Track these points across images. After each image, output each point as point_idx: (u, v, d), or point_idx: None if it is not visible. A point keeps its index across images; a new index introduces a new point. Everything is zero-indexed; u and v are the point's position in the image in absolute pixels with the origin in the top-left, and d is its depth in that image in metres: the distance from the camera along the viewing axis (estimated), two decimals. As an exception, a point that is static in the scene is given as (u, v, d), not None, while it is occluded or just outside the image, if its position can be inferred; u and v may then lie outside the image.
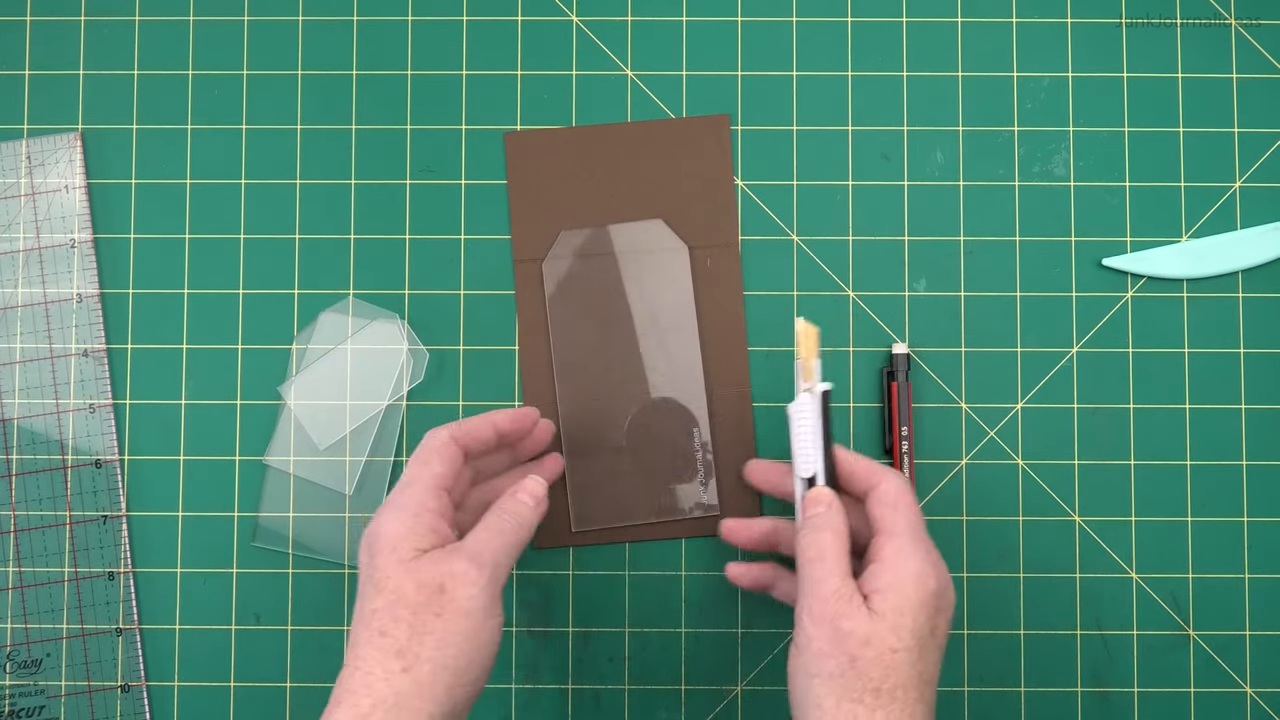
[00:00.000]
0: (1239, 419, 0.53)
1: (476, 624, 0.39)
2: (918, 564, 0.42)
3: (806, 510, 0.44)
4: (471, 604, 0.39)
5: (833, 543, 0.42)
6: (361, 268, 0.53)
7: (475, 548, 0.41)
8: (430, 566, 0.39)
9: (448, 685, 0.38)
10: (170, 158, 0.54)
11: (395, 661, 0.38)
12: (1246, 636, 0.52)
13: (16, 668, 0.52)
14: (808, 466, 0.45)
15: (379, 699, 0.38)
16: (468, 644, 0.39)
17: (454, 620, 0.39)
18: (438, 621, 0.39)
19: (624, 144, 0.54)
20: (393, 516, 0.41)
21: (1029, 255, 0.53)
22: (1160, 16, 0.54)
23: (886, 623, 0.40)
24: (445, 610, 0.39)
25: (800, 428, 0.45)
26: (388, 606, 0.39)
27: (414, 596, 0.39)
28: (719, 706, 0.52)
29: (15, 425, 0.53)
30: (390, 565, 0.40)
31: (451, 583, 0.39)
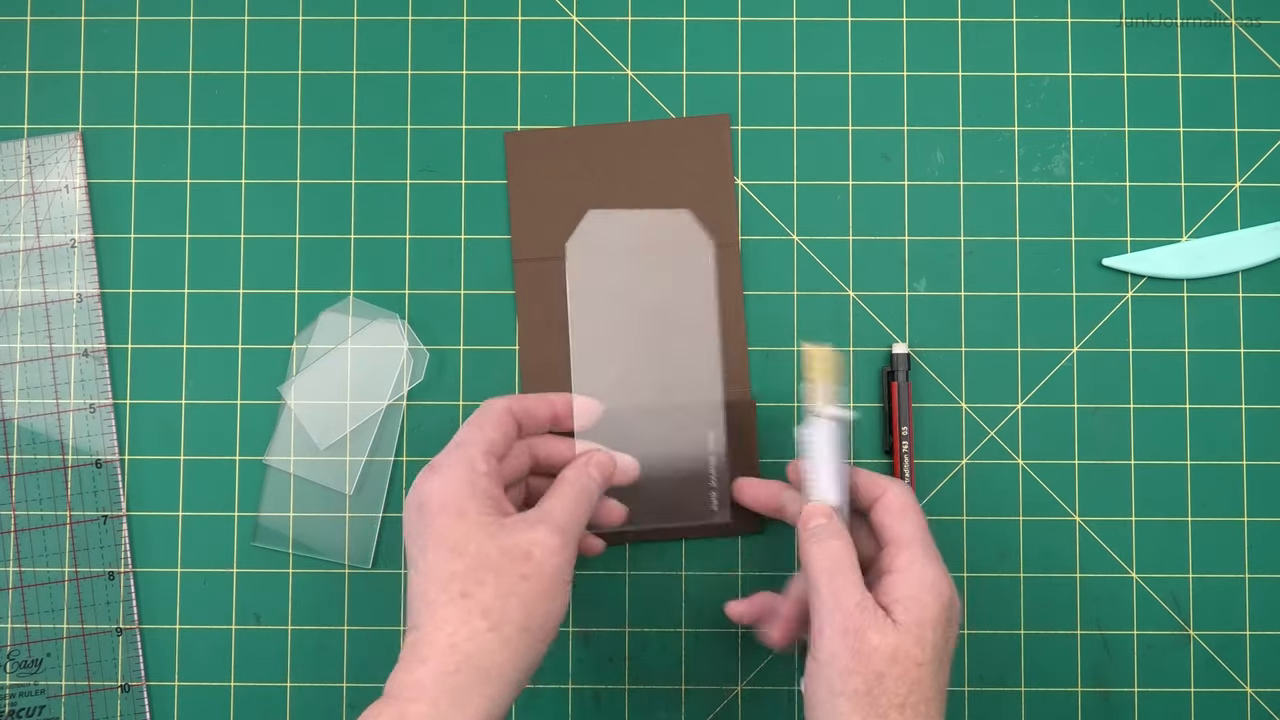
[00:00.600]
0: (1239, 419, 0.53)
1: (557, 587, 0.40)
2: (933, 574, 0.41)
3: (806, 523, 0.44)
4: (556, 571, 0.40)
5: (845, 552, 0.42)
6: (361, 268, 0.53)
7: (558, 518, 0.42)
8: (516, 533, 0.40)
9: (529, 644, 0.40)
10: (170, 158, 0.54)
11: (481, 620, 0.39)
12: (1246, 636, 0.52)
13: (16, 668, 0.52)
14: (826, 494, 0.44)
15: (465, 656, 0.38)
16: (547, 605, 0.40)
17: (539, 583, 0.40)
18: (524, 584, 0.39)
19: (624, 144, 0.54)
20: (448, 478, 0.42)
21: (1029, 255, 0.53)
22: (1160, 16, 0.54)
23: (911, 636, 0.40)
24: (531, 575, 0.40)
25: (813, 455, 0.44)
26: (470, 570, 0.39)
27: (499, 560, 0.39)
28: (719, 706, 0.52)
29: (15, 425, 0.53)
30: (468, 529, 0.40)
31: (539, 550, 0.40)
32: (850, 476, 0.45)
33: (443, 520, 0.40)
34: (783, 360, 0.53)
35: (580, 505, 0.43)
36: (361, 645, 0.52)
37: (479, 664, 0.38)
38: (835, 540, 0.42)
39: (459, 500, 0.41)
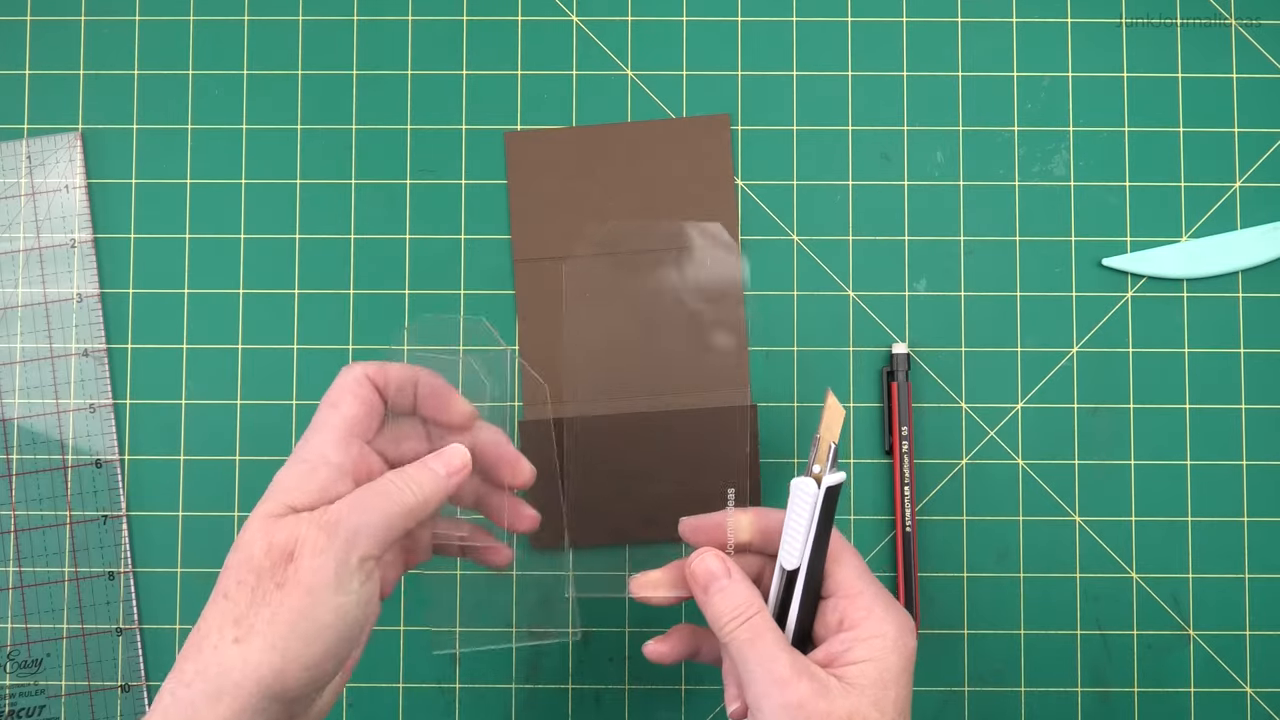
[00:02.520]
0: (1239, 419, 0.53)
1: (318, 601, 0.34)
2: (894, 627, 0.37)
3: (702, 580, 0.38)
4: (314, 578, 0.34)
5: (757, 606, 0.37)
6: (361, 268, 0.53)
7: (336, 512, 0.35)
8: (286, 528, 0.34)
9: (276, 668, 0.33)
10: (170, 158, 0.54)
11: (230, 629, 0.34)
12: (1246, 636, 0.52)
13: (16, 668, 0.52)
14: (792, 558, 0.39)
15: (203, 667, 0.33)
16: (303, 623, 0.33)
17: (293, 594, 0.33)
18: (277, 593, 0.34)
19: (624, 144, 0.54)
20: (288, 468, 0.36)
21: (1029, 255, 0.53)
22: (1160, 16, 0.54)
23: (867, 698, 0.35)
24: (287, 581, 0.34)
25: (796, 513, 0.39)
26: (235, 566, 0.34)
27: (261, 560, 0.34)
28: (719, 706, 0.52)
29: (15, 425, 0.53)
30: (254, 521, 0.35)
31: (300, 550, 0.34)
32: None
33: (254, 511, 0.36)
34: (783, 360, 0.53)
35: (385, 501, 0.36)
36: (361, 645, 0.52)
37: (212, 677, 0.33)
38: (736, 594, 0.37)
39: (279, 488, 0.36)
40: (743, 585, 0.38)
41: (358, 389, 0.38)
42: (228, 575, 0.34)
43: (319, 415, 0.38)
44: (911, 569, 0.51)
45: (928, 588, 0.52)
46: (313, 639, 0.34)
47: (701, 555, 0.39)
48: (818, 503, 0.38)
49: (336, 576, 0.34)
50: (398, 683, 0.52)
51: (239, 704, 0.33)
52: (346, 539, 0.34)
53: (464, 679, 0.52)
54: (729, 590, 0.38)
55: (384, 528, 0.35)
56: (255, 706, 0.33)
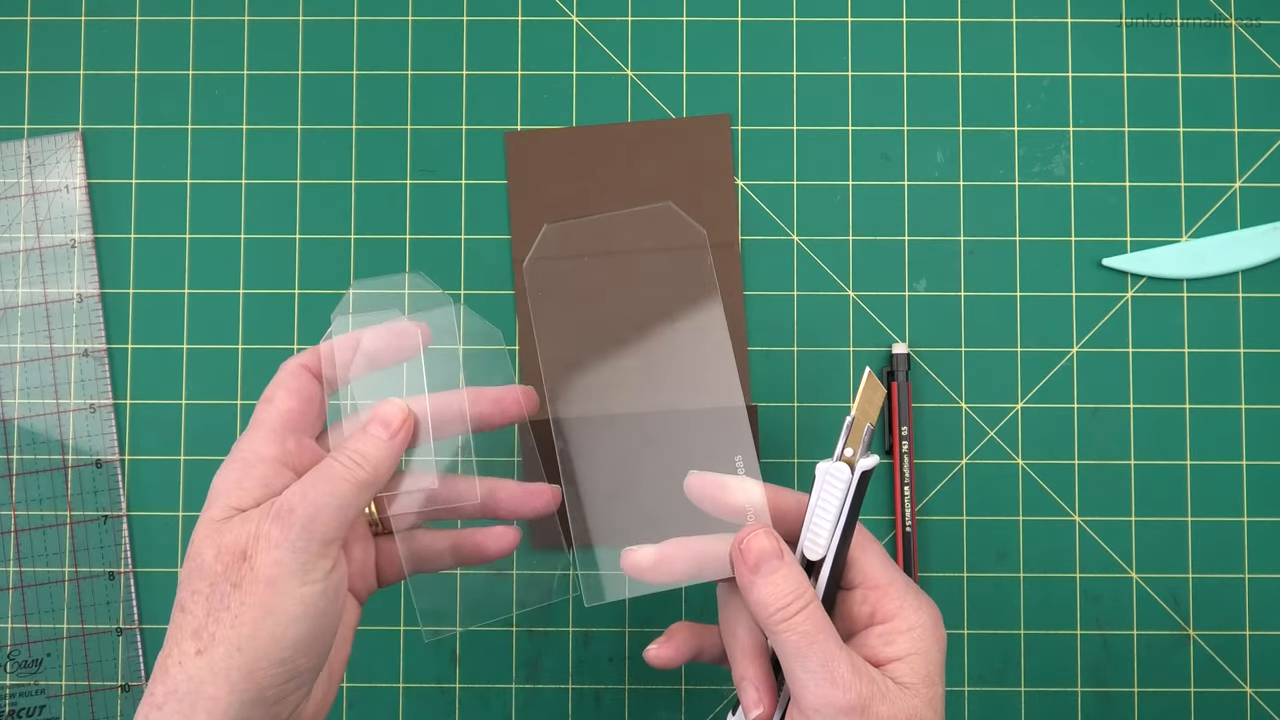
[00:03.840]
0: (1239, 419, 0.53)
1: (280, 594, 0.32)
2: (929, 617, 0.35)
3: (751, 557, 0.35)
4: (275, 570, 0.32)
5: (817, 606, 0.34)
6: (361, 268, 0.53)
7: (286, 501, 0.33)
8: (234, 529, 0.33)
9: (246, 669, 0.32)
10: (170, 158, 0.54)
11: (191, 643, 0.32)
12: (1246, 636, 0.52)
13: (17, 668, 0.52)
14: (818, 547, 0.36)
15: (172, 686, 0.32)
16: (269, 619, 0.32)
17: (252, 591, 0.32)
18: (234, 594, 0.32)
19: (624, 144, 0.54)
20: (225, 469, 0.35)
21: (1029, 255, 0.53)
22: (1160, 16, 0.54)
23: (922, 698, 0.33)
24: (243, 580, 0.32)
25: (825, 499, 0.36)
26: (186, 577, 0.33)
27: (212, 565, 0.33)
28: (719, 706, 0.52)
29: (15, 425, 0.53)
30: (201, 529, 0.34)
31: (254, 546, 0.33)
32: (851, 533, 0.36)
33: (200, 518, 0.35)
34: (783, 360, 0.53)
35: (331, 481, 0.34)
36: (362, 645, 0.52)
37: (184, 695, 0.32)
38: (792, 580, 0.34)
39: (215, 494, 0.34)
40: (797, 569, 0.34)
41: (292, 382, 0.37)
42: (182, 589, 0.33)
43: (255, 413, 0.36)
44: (911, 569, 0.51)
45: (928, 588, 0.52)
46: (280, 634, 0.32)
47: (755, 533, 0.35)
48: (850, 488, 0.35)
49: (298, 565, 0.33)
50: (398, 683, 0.52)
51: (217, 715, 0.32)
52: (303, 525, 0.33)
53: (464, 679, 0.52)
54: (783, 574, 0.34)
55: (339, 508, 0.34)
56: (235, 715, 0.32)
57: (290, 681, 0.33)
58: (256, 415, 0.36)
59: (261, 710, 0.32)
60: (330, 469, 0.34)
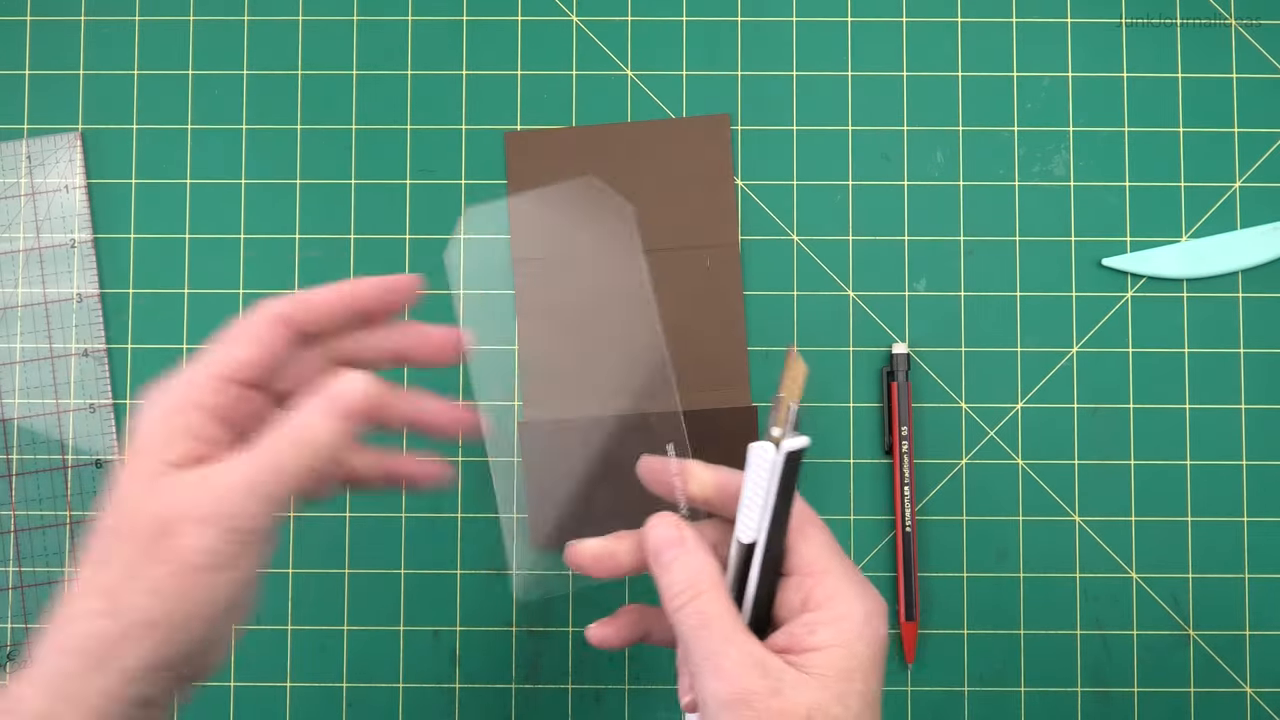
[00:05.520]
0: (1239, 419, 0.53)
1: (200, 581, 0.31)
2: (863, 608, 0.32)
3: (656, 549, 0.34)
4: (199, 557, 0.30)
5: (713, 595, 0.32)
6: (362, 268, 0.53)
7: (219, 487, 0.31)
8: (164, 497, 0.31)
9: (155, 642, 0.30)
10: (170, 158, 0.54)
11: (98, 600, 0.31)
12: (1246, 636, 0.52)
13: (17, 668, 0.52)
14: (748, 530, 0.34)
15: (78, 637, 0.31)
16: (188, 599, 0.30)
17: (175, 571, 0.30)
18: (154, 568, 0.30)
19: (624, 144, 0.54)
20: (154, 407, 0.32)
21: (1029, 255, 0.53)
22: (1160, 16, 0.54)
23: (830, 691, 0.31)
24: (164, 557, 0.30)
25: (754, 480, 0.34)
26: (112, 532, 0.31)
27: (139, 529, 0.31)
28: (719, 706, 0.52)
29: (15, 425, 0.53)
30: (134, 478, 0.32)
31: (179, 527, 0.30)
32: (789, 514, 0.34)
33: (125, 461, 0.32)
34: (783, 360, 0.53)
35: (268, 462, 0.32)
36: (361, 645, 0.52)
37: (89, 648, 0.30)
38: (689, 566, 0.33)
39: (145, 436, 0.32)
40: (697, 556, 0.33)
41: (262, 330, 0.34)
42: (103, 539, 0.31)
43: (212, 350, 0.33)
44: (911, 569, 0.51)
45: (928, 588, 0.52)
46: (194, 614, 0.31)
47: (657, 520, 0.34)
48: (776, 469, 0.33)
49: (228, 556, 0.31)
50: (398, 683, 0.52)
51: (123, 675, 0.30)
52: (233, 516, 0.31)
53: (464, 679, 0.52)
54: (680, 561, 0.33)
55: (274, 499, 0.32)
56: (141, 677, 0.30)
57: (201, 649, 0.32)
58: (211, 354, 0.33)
59: (167, 671, 0.31)
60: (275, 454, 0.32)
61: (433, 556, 0.52)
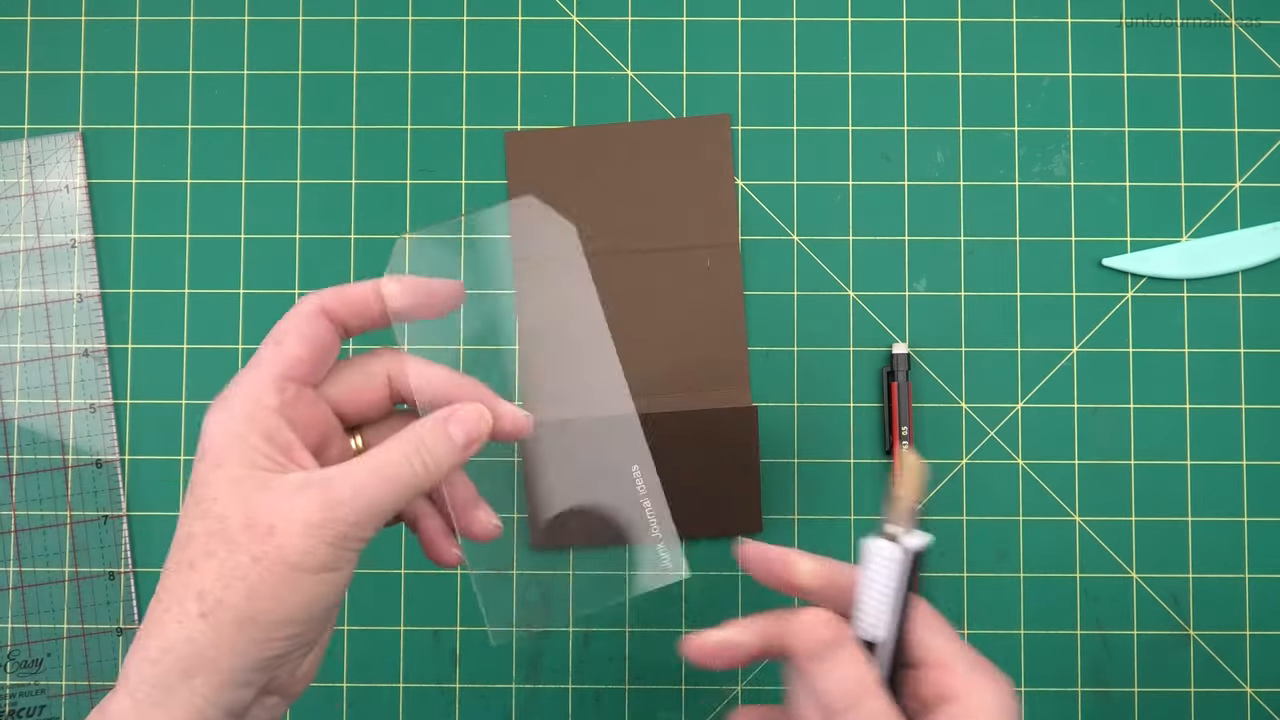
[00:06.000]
0: (1239, 419, 0.53)
1: (307, 579, 0.31)
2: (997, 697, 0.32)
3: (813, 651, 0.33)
4: (305, 559, 0.31)
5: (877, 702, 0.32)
6: (361, 268, 0.53)
7: (340, 492, 0.31)
8: (264, 500, 0.31)
9: (255, 639, 0.31)
10: (170, 158, 0.54)
11: (194, 603, 0.31)
12: (1246, 636, 0.52)
13: (17, 667, 0.52)
14: (878, 628, 0.34)
15: (169, 643, 0.30)
16: (290, 597, 0.31)
17: (275, 570, 0.30)
18: (254, 568, 0.30)
19: (624, 144, 0.54)
20: (221, 415, 0.32)
21: (1029, 255, 0.53)
22: (1160, 16, 0.54)
23: None
24: (267, 556, 0.30)
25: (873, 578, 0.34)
26: (204, 536, 0.31)
27: (237, 531, 0.31)
28: (719, 706, 0.52)
29: (16, 425, 0.53)
30: (219, 484, 0.31)
31: (286, 527, 0.31)
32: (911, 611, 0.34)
33: (201, 467, 0.32)
34: (783, 360, 0.53)
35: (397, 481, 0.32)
36: (362, 645, 0.52)
37: (182, 654, 0.30)
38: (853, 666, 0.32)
39: (224, 445, 0.32)
40: (857, 656, 0.32)
41: (306, 327, 0.34)
42: (194, 544, 0.31)
43: (260, 351, 0.33)
44: (911, 569, 0.51)
45: (928, 588, 0.52)
46: (296, 614, 0.31)
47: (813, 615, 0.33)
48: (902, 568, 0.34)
49: (330, 558, 0.31)
50: (398, 683, 0.52)
51: (217, 679, 0.30)
52: (349, 521, 0.31)
53: (464, 679, 0.52)
54: (843, 661, 0.32)
55: (390, 510, 0.32)
56: (237, 680, 0.31)
57: (297, 650, 0.32)
58: (260, 354, 0.33)
59: (261, 675, 0.31)
60: (398, 467, 0.32)
61: (433, 556, 0.52)
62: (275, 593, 0.30)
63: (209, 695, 0.30)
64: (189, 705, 0.30)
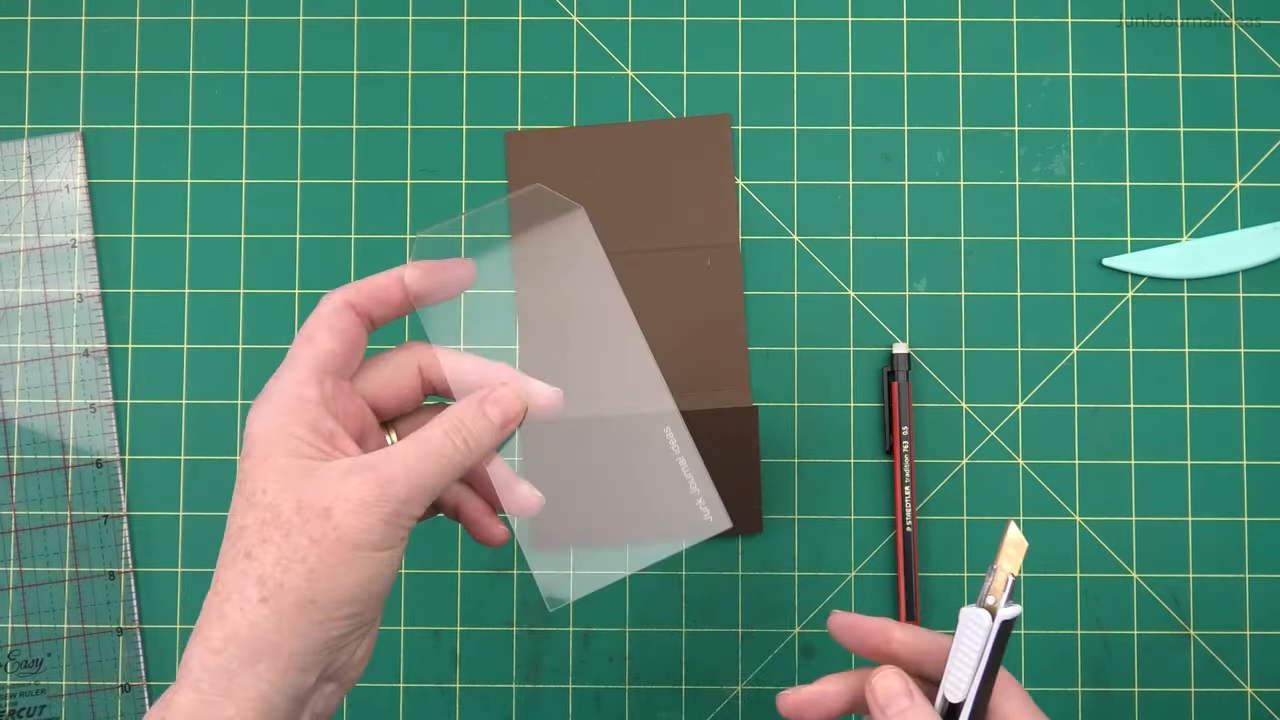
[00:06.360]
0: (1239, 419, 0.53)
1: (363, 558, 0.32)
2: None
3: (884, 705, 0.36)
4: (363, 536, 0.32)
5: None
6: (362, 268, 0.53)
7: (391, 472, 0.32)
8: (316, 485, 0.32)
9: (316, 620, 0.31)
10: (170, 158, 0.54)
11: (254, 589, 0.31)
12: (1246, 636, 0.52)
13: (17, 667, 0.52)
14: (958, 691, 0.37)
15: (232, 631, 0.31)
16: (348, 576, 0.32)
17: (334, 550, 0.31)
18: (313, 549, 0.31)
19: (624, 144, 0.54)
20: (264, 411, 0.34)
21: (1029, 255, 0.53)
22: (1160, 16, 0.54)
23: None
24: (325, 538, 0.31)
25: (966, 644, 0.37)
26: (258, 525, 0.32)
27: (291, 516, 0.32)
28: (719, 706, 0.52)
29: (16, 425, 0.53)
30: (266, 475, 0.33)
31: (342, 508, 0.32)
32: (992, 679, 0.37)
33: (248, 464, 0.33)
34: (783, 360, 0.53)
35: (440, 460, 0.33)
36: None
37: (246, 640, 0.31)
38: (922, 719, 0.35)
39: (268, 439, 0.33)
40: (926, 710, 0.35)
41: (335, 321, 0.35)
42: (248, 534, 0.32)
43: (292, 350, 0.35)
44: (912, 569, 0.51)
45: (928, 588, 0.52)
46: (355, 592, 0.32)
47: (884, 673, 0.36)
48: (991, 635, 0.36)
49: (386, 534, 0.32)
50: (398, 683, 0.52)
51: (281, 664, 0.31)
52: (402, 500, 0.32)
53: (464, 679, 0.52)
54: (911, 715, 0.35)
55: (436, 490, 0.33)
56: (299, 665, 0.31)
57: (355, 631, 0.33)
58: (294, 353, 0.35)
59: (324, 657, 0.32)
60: (440, 445, 0.34)
61: (433, 556, 0.53)
62: (334, 573, 0.31)
63: (274, 681, 0.31)
64: (255, 692, 0.31)
